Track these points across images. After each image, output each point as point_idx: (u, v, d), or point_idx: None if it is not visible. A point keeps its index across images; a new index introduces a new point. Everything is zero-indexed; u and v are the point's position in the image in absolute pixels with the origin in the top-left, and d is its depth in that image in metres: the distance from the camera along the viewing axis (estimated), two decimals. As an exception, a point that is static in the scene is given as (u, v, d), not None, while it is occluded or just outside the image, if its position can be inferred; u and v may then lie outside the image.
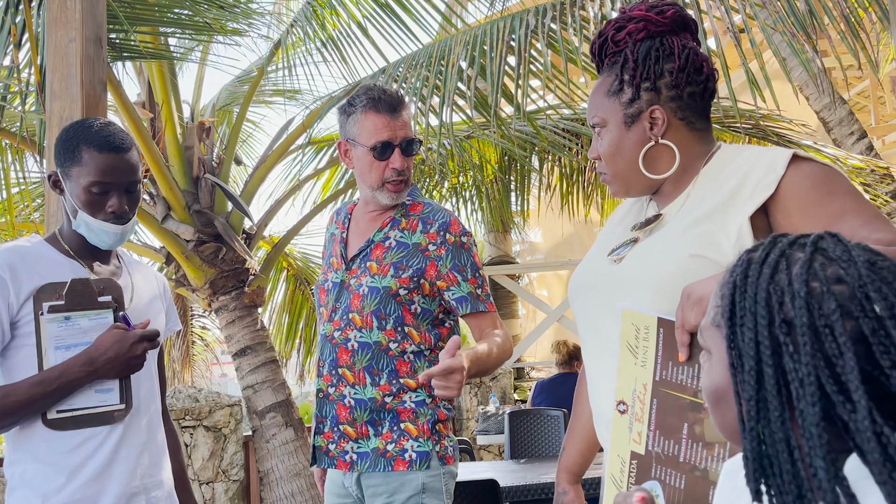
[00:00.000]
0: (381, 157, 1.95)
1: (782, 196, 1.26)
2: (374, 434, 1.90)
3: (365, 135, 1.96)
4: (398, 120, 1.96)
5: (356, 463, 1.91)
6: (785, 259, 0.81)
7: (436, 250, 1.94)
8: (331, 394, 1.95)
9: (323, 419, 1.97)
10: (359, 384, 1.91)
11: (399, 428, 1.89)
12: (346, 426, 1.92)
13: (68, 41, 2.95)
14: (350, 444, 1.92)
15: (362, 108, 1.97)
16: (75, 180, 1.68)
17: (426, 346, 1.94)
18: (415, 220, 1.99)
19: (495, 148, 6.14)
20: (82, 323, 1.65)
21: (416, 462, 1.87)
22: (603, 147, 1.41)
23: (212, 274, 5.03)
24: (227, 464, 4.94)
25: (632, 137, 1.39)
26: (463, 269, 1.93)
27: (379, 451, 1.89)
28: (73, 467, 1.61)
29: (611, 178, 1.43)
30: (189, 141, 5.20)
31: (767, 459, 0.76)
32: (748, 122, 5.56)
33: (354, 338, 1.92)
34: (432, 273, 1.93)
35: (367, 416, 1.91)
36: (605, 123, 1.40)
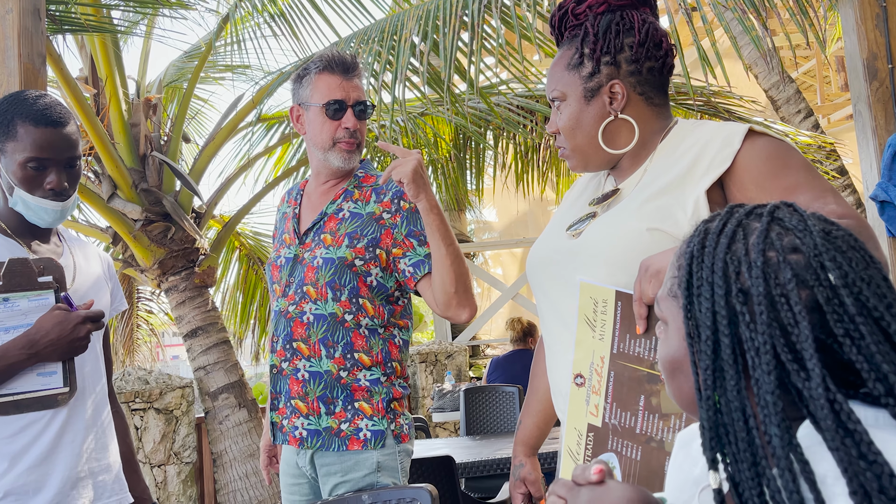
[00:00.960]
0: (334, 117, 1.95)
1: (738, 170, 1.27)
2: (326, 413, 1.88)
3: (318, 95, 1.96)
4: (352, 81, 1.97)
5: (305, 440, 1.89)
6: (742, 229, 0.81)
7: (390, 218, 1.92)
8: (284, 369, 1.94)
9: (277, 395, 1.96)
10: (314, 356, 1.90)
11: (353, 407, 1.87)
12: (297, 401, 1.91)
13: (4, 12, 2.84)
14: (300, 420, 1.90)
15: (316, 70, 1.97)
16: (10, 156, 1.61)
17: (380, 321, 1.92)
18: (367, 190, 1.98)
19: (449, 125, 6.11)
20: (21, 304, 1.58)
21: (370, 441, 1.86)
22: (562, 121, 1.40)
23: (161, 254, 4.92)
24: (179, 446, 4.87)
25: (591, 112, 1.38)
26: (419, 234, 1.92)
27: (333, 431, 1.87)
28: (14, 453, 1.55)
29: (570, 152, 1.43)
30: (135, 118, 5.06)
31: (723, 428, 0.76)
32: (700, 98, 5.62)
33: (310, 310, 1.90)
34: (388, 241, 1.92)
35: (321, 390, 1.89)
36: (565, 97, 1.40)
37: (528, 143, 6.42)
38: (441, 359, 6.82)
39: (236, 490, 4.91)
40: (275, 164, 6.38)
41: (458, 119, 5.29)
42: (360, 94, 1.98)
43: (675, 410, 1.19)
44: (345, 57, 1.98)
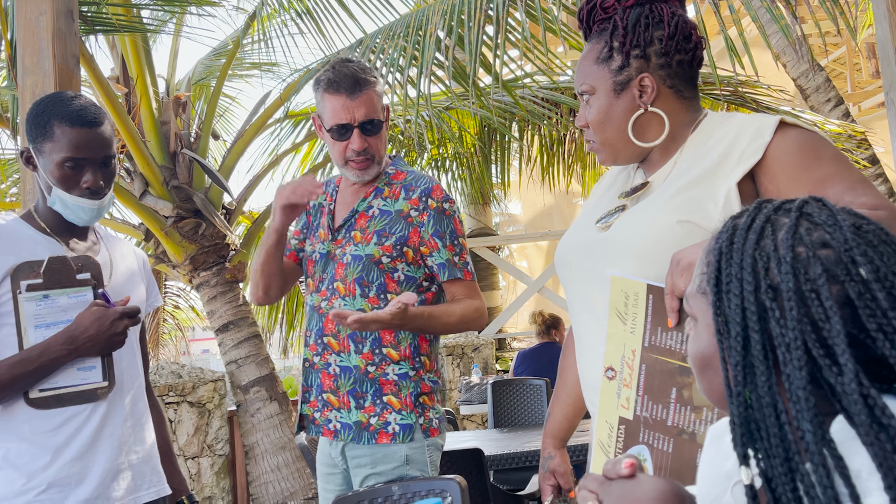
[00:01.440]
0: (340, 139, 1.95)
1: (769, 161, 1.26)
2: (356, 406, 1.91)
3: (326, 115, 1.97)
4: (356, 100, 1.92)
5: (339, 432, 1.93)
6: (770, 224, 0.81)
7: (418, 216, 1.94)
8: (316, 363, 1.97)
9: (308, 388, 1.99)
10: (344, 351, 1.93)
11: (382, 401, 1.90)
12: (329, 394, 1.94)
13: (38, 14, 2.89)
14: (333, 413, 1.94)
15: (323, 89, 1.96)
16: (48, 156, 1.64)
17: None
18: (397, 188, 1.99)
19: (474, 119, 6.11)
20: (61, 301, 1.63)
21: (399, 435, 1.88)
22: (591, 114, 1.40)
23: (192, 250, 4.99)
24: (211, 439, 4.95)
25: (621, 105, 1.38)
26: (443, 236, 1.94)
27: (362, 425, 1.90)
28: (57, 446, 1.60)
29: (599, 145, 1.43)
30: (165, 116, 5.13)
31: (755, 424, 0.76)
32: (727, 88, 5.56)
33: (339, 306, 1.93)
34: (415, 240, 1.94)
35: (350, 385, 1.92)
36: (594, 91, 1.39)
37: (553, 135, 6.40)
38: (468, 352, 6.84)
39: (268, 482, 4.98)
40: (301, 161, 6.43)
41: (483, 112, 5.29)
42: (368, 111, 1.94)
43: (707, 403, 1.19)
44: (351, 73, 1.93)
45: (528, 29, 3.88)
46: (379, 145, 1.99)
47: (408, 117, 5.24)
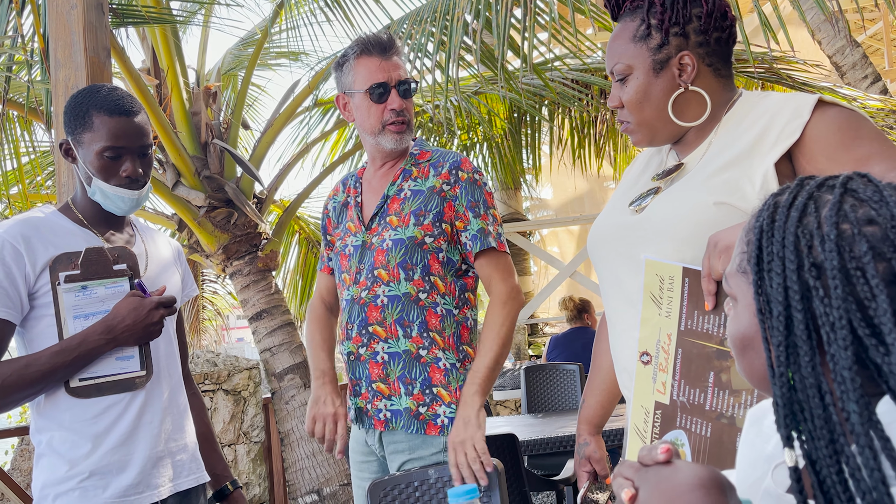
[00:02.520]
0: (379, 100, 1.94)
1: (807, 142, 1.24)
2: (405, 393, 1.89)
3: (360, 80, 1.95)
4: (391, 61, 1.95)
5: (390, 421, 1.91)
6: (813, 201, 0.79)
7: (450, 189, 1.93)
8: (362, 354, 1.94)
9: (357, 381, 1.97)
10: (392, 337, 1.91)
11: (432, 392, 1.89)
12: (378, 384, 1.92)
13: (69, 8, 2.92)
14: (383, 402, 1.92)
15: (354, 56, 1.96)
16: (87, 146, 1.67)
17: (451, 300, 1.92)
18: (425, 166, 1.98)
19: (503, 103, 6.07)
20: (99, 291, 1.65)
21: (446, 428, 1.88)
22: (629, 94, 1.37)
23: (224, 239, 5.03)
24: (247, 426, 5.01)
25: (660, 84, 1.36)
26: (476, 205, 1.92)
27: (412, 412, 1.89)
28: (98, 434, 1.62)
29: (635, 126, 1.40)
30: (196, 106, 5.17)
31: (798, 405, 0.75)
32: (761, 65, 5.46)
33: (383, 293, 1.91)
34: (451, 214, 1.92)
35: (400, 370, 1.90)
36: (631, 70, 1.37)
37: (584, 117, 6.34)
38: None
39: (304, 468, 5.03)
40: (331, 149, 6.45)
41: (512, 95, 5.25)
42: (402, 73, 1.96)
43: (746, 386, 1.17)
44: (380, 37, 1.96)
45: (556, 10, 3.84)
46: (412, 111, 1.99)
47: (437, 103, 5.21)
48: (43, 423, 1.63)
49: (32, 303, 1.62)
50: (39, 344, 1.62)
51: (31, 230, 1.64)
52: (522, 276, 8.42)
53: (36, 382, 1.57)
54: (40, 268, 1.61)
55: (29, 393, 1.59)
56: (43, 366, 1.56)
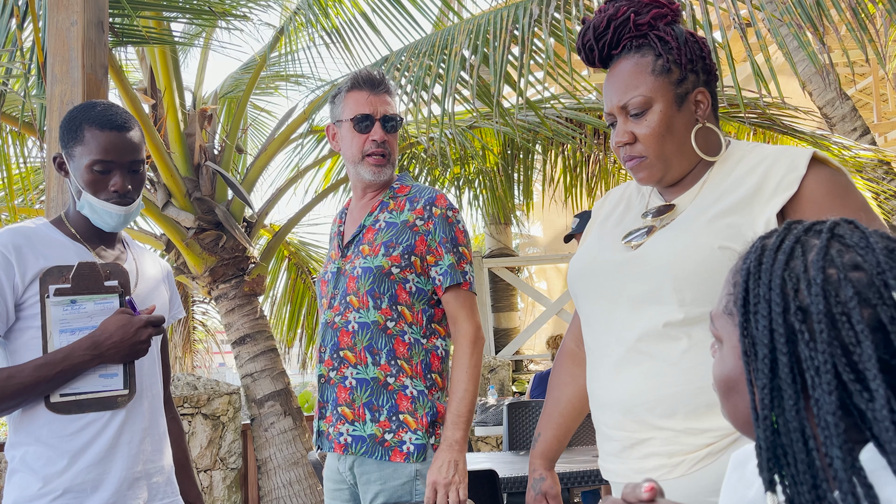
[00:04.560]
0: (362, 130, 2.01)
1: (801, 198, 1.27)
2: (371, 419, 1.90)
3: (348, 111, 2.04)
4: (379, 96, 2.03)
5: (350, 445, 1.92)
6: (800, 245, 0.79)
7: (423, 225, 1.97)
8: (332, 377, 1.97)
9: (324, 403, 1.99)
10: (361, 364, 1.93)
11: (398, 419, 1.89)
12: (343, 408, 1.94)
13: (70, 24, 2.93)
14: (346, 427, 1.93)
15: (346, 89, 2.06)
16: (78, 160, 1.67)
17: (419, 329, 1.95)
18: (402, 200, 2.03)
19: (497, 138, 6.12)
20: (88, 307, 1.63)
21: (413, 454, 1.87)
22: (650, 126, 1.36)
23: (212, 262, 5.01)
24: (225, 452, 4.94)
25: (682, 118, 1.37)
26: (446, 241, 1.96)
27: (377, 439, 1.89)
28: (74, 451, 1.60)
29: (653, 159, 1.37)
30: (191, 128, 5.18)
31: (781, 449, 0.74)
32: (754, 111, 5.53)
33: (354, 319, 1.95)
34: (422, 248, 1.96)
35: (367, 397, 1.92)
36: (651, 103, 1.35)
37: (577, 156, 6.39)
38: (484, 373, 6.80)
39: (280, 497, 4.95)
40: (325, 176, 6.46)
41: (507, 130, 5.29)
42: (389, 109, 2.03)
43: None
44: (372, 73, 2.05)
45: (552, 48, 3.89)
46: (395, 147, 2.06)
47: (431, 135, 5.25)
48: (19, 437, 1.61)
49: (19, 314, 1.60)
50: (22, 356, 1.60)
51: (23, 240, 1.63)
52: (509, 312, 8.41)
53: (16, 395, 1.55)
54: (30, 279, 1.60)
55: (9, 405, 1.56)
56: (25, 378, 1.54)
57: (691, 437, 1.27)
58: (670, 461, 1.29)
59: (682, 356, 1.29)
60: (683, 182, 1.41)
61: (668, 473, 1.28)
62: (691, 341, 1.29)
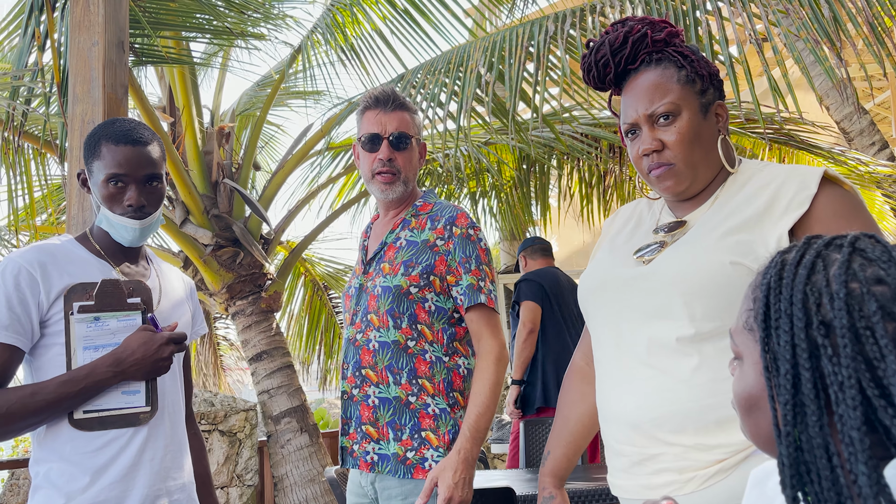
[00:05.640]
0: (370, 149, 2.02)
1: (811, 217, 1.28)
2: (394, 438, 1.90)
3: (361, 129, 2.05)
4: (389, 115, 2.02)
5: (377, 464, 1.92)
6: (821, 260, 0.79)
7: (444, 245, 1.95)
8: (355, 395, 1.97)
9: (348, 420, 1.99)
10: (382, 383, 1.93)
11: (420, 436, 1.89)
12: (368, 426, 1.94)
13: (91, 45, 2.98)
14: (371, 445, 1.93)
15: (362, 108, 2.07)
16: (96, 175, 1.69)
17: (440, 347, 1.94)
18: (423, 218, 2.02)
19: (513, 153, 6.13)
20: (111, 324, 1.64)
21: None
22: (679, 132, 1.37)
23: (229, 278, 5.04)
24: (241, 469, 4.94)
25: (708, 127, 1.39)
26: (467, 261, 1.94)
27: (399, 458, 1.89)
28: (97, 468, 1.60)
29: (682, 166, 1.38)
30: (209, 146, 5.23)
31: (805, 466, 0.74)
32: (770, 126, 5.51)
33: (374, 338, 1.95)
34: (442, 268, 1.94)
35: (390, 416, 1.91)
36: (679, 111, 1.37)
37: (592, 171, 6.38)
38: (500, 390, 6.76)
39: (296, 514, 4.94)
40: (339, 193, 6.49)
41: (522, 146, 5.30)
42: (399, 125, 2.01)
43: None
44: (384, 91, 2.05)
45: (568, 65, 3.90)
46: (407, 164, 2.03)
47: (447, 151, 5.27)
48: (42, 454, 1.61)
49: (43, 331, 1.61)
50: (47, 373, 1.61)
51: (48, 257, 1.64)
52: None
53: (40, 412, 1.55)
54: (54, 296, 1.61)
55: (32, 422, 1.57)
56: (49, 395, 1.55)
57: (702, 452, 1.27)
58: (681, 477, 1.28)
59: (693, 373, 1.29)
60: (695, 198, 1.42)
61: (680, 489, 1.28)
62: (702, 357, 1.29)
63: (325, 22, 5.34)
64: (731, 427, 1.25)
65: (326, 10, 5.40)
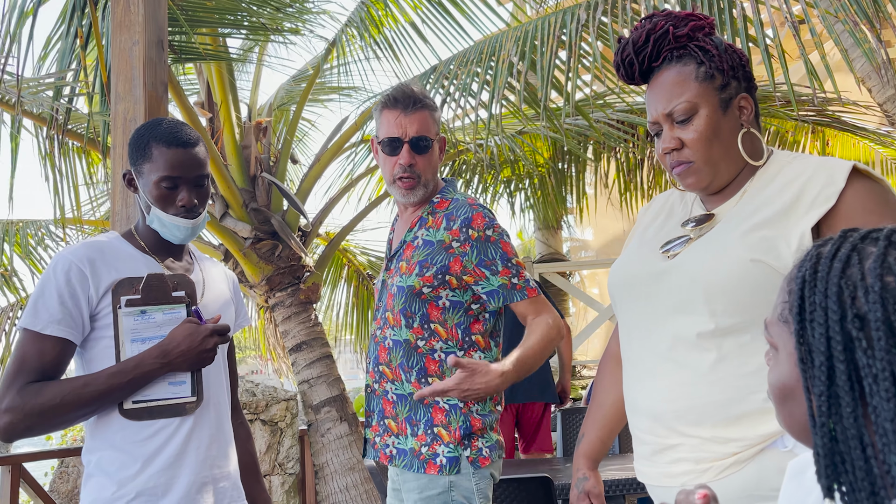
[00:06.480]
0: (391, 153, 1.97)
1: (838, 213, 1.27)
2: (411, 434, 1.94)
3: (381, 131, 2.00)
4: (410, 116, 1.96)
5: (395, 458, 1.95)
6: (857, 253, 0.80)
7: (460, 247, 1.91)
8: (376, 389, 2.01)
9: (371, 413, 2.03)
10: (397, 380, 1.96)
11: (432, 432, 1.91)
12: (389, 420, 1.97)
13: (132, 44, 3.04)
14: (392, 439, 1.97)
15: (380, 107, 2.01)
16: (147, 176, 1.74)
17: (455, 343, 1.94)
18: (440, 217, 1.98)
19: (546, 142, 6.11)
20: (157, 317, 1.70)
21: (445, 467, 1.89)
22: (697, 130, 1.37)
23: (268, 271, 5.12)
24: (283, 457, 5.03)
25: (728, 122, 1.38)
26: (491, 263, 1.90)
27: (415, 452, 1.92)
28: (147, 456, 1.66)
29: (701, 164, 1.39)
30: (246, 140, 5.30)
31: (839, 456, 0.75)
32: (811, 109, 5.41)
33: (389, 336, 1.97)
34: (457, 268, 1.91)
35: (407, 412, 1.95)
36: (697, 108, 1.37)
37: (630, 159, 6.34)
38: (537, 378, 6.75)
39: (337, 502, 5.02)
40: (377, 183, 6.54)
41: (555, 136, 5.29)
42: (421, 128, 1.96)
43: None
44: (407, 91, 1.98)
45: (599, 51, 3.88)
46: (427, 167, 1.99)
47: (479, 141, 5.28)
48: (94, 443, 1.68)
49: (93, 324, 1.67)
50: (97, 365, 1.67)
51: (97, 254, 1.70)
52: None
53: (92, 402, 1.62)
54: (103, 290, 1.67)
55: (85, 412, 1.63)
56: (100, 386, 1.61)
57: (718, 445, 1.30)
58: (698, 467, 1.32)
59: (713, 367, 1.31)
60: (725, 191, 1.42)
61: (697, 479, 1.31)
62: (721, 353, 1.31)
63: (360, 16, 5.38)
64: (747, 422, 1.28)
65: (360, 4, 5.43)
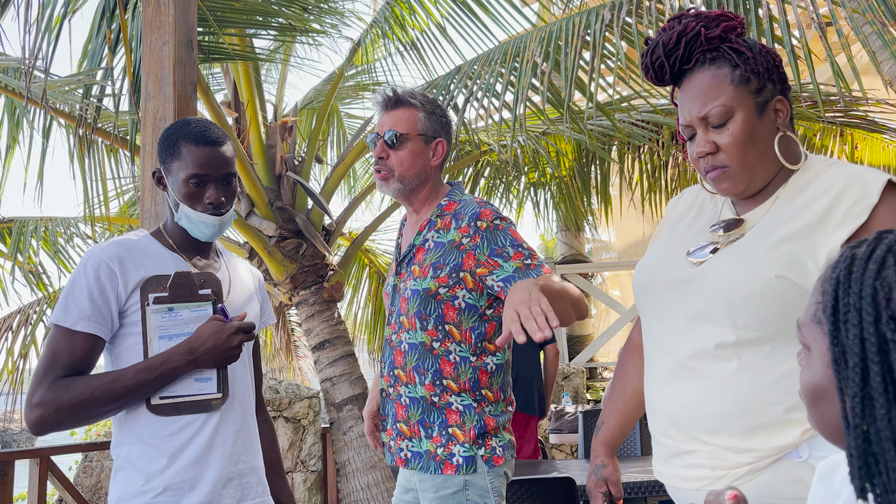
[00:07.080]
0: (371, 149, 2.08)
1: (870, 226, 1.25)
2: (425, 436, 1.95)
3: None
4: (388, 113, 2.06)
5: (410, 461, 1.97)
6: (892, 255, 0.79)
7: (470, 241, 1.92)
8: (390, 393, 2.03)
9: (385, 417, 2.05)
10: (410, 383, 1.97)
11: (447, 432, 1.93)
12: (401, 424, 1.99)
13: (162, 44, 3.08)
14: (405, 442, 1.98)
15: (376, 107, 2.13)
16: (175, 174, 1.76)
17: (468, 346, 1.95)
18: (448, 218, 2.00)
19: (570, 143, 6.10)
20: (184, 314, 1.72)
21: (462, 467, 1.90)
22: (733, 134, 1.35)
23: (293, 269, 5.16)
24: (305, 454, 5.06)
25: (764, 126, 1.36)
26: (503, 250, 1.90)
27: (431, 454, 1.94)
28: (174, 450, 1.68)
29: (737, 168, 1.37)
30: (272, 140, 5.35)
31: (873, 458, 0.75)
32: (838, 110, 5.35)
33: (405, 339, 1.99)
34: (471, 263, 1.91)
35: (419, 415, 1.96)
36: (732, 112, 1.35)
37: (655, 161, 6.31)
38: (557, 380, 6.76)
39: (359, 500, 5.05)
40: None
41: (579, 136, 5.28)
42: (395, 124, 2.04)
43: None
44: (388, 92, 2.10)
45: (624, 52, 3.87)
46: (401, 162, 2.03)
47: (503, 142, 5.28)
48: (123, 437, 1.70)
49: (122, 321, 1.70)
50: (125, 360, 1.70)
51: (126, 251, 1.73)
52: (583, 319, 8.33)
53: (121, 397, 1.64)
54: (132, 288, 1.70)
55: (114, 407, 1.66)
56: (128, 382, 1.64)
57: (734, 454, 1.30)
58: (713, 474, 1.32)
59: (731, 377, 1.31)
60: (757, 196, 1.40)
61: (711, 485, 1.32)
62: (741, 363, 1.30)
63: (384, 16, 5.40)
64: (764, 433, 1.28)
65: (386, 4, 5.46)
